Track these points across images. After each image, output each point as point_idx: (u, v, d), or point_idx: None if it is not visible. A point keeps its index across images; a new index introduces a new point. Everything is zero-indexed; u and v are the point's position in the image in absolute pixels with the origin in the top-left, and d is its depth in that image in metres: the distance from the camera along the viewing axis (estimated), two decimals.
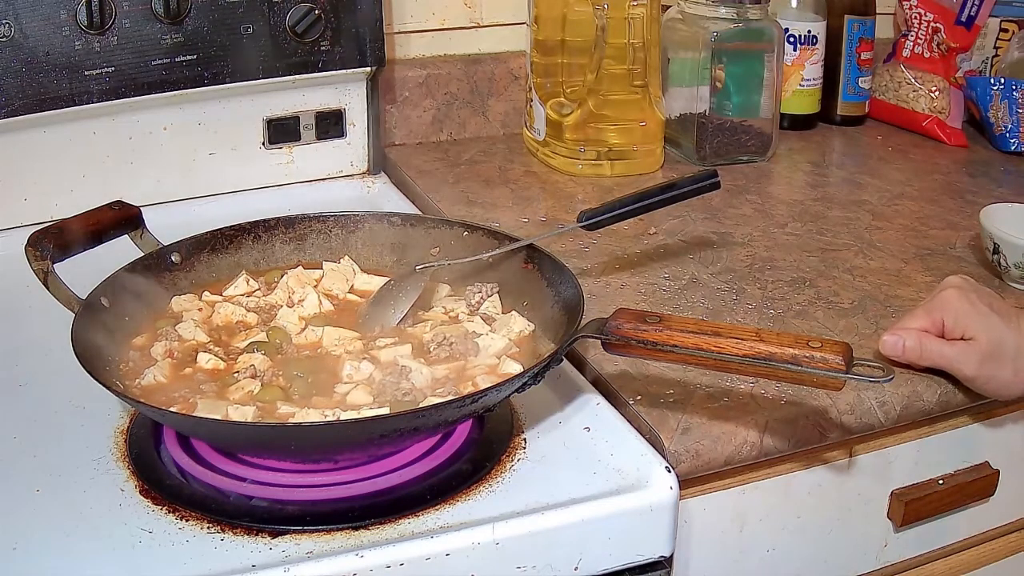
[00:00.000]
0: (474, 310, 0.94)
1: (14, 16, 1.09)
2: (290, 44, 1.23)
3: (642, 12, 1.30)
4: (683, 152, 1.43)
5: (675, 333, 0.78)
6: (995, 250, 1.09)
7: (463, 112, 1.47)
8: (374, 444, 0.78)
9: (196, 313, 0.93)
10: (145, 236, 0.97)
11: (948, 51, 1.55)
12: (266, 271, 0.99)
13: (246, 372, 0.84)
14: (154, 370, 0.84)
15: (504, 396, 0.81)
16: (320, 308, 0.94)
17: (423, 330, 0.91)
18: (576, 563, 0.78)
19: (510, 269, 0.96)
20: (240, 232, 1.00)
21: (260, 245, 1.00)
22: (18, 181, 1.17)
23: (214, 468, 0.81)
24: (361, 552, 0.72)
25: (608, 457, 0.84)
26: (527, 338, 0.90)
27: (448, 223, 1.02)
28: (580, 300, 0.86)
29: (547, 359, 0.80)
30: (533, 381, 0.81)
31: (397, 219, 1.02)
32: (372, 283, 0.98)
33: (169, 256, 0.96)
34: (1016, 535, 1.10)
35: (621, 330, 0.79)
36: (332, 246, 1.01)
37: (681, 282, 1.10)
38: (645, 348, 0.79)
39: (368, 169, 1.36)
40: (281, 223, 1.01)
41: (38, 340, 0.97)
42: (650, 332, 0.78)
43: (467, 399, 0.76)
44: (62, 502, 0.78)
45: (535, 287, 0.94)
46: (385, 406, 0.80)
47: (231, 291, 0.96)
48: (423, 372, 0.84)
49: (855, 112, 1.58)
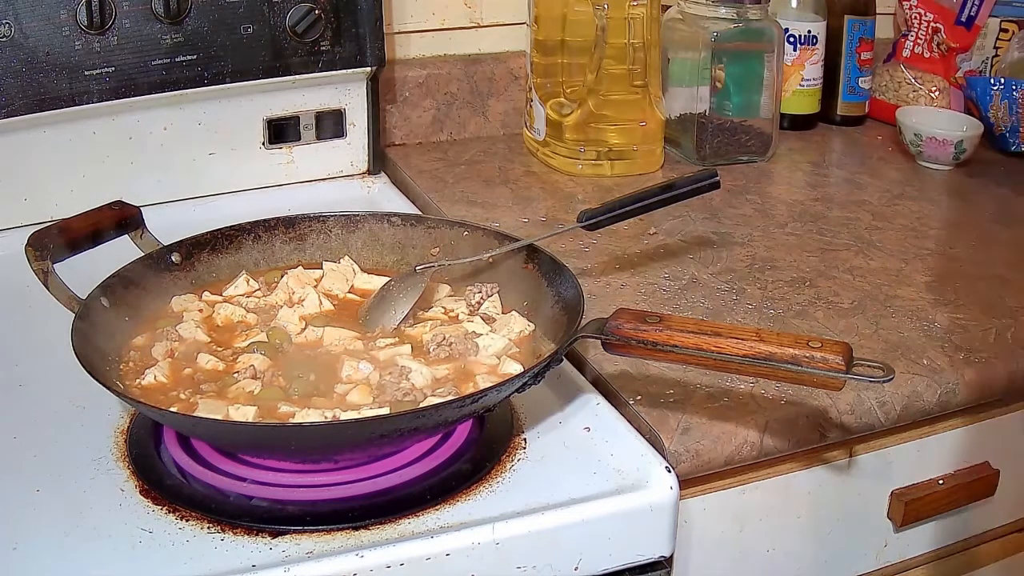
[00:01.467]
0: (474, 310, 0.94)
1: (14, 16, 1.09)
2: (290, 44, 1.23)
3: (642, 12, 1.30)
4: (683, 152, 1.43)
5: (675, 333, 0.77)
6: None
7: (463, 112, 1.47)
8: (374, 444, 0.78)
9: (196, 313, 0.93)
10: (145, 236, 0.97)
11: (948, 51, 1.55)
12: (266, 271, 0.99)
13: (246, 372, 0.84)
14: (154, 370, 0.84)
15: (504, 396, 0.81)
16: (320, 308, 0.94)
17: (423, 330, 0.91)
18: (576, 563, 0.78)
19: (511, 269, 0.96)
20: (240, 232, 1.00)
21: (260, 245, 1.00)
22: (18, 181, 1.17)
23: (214, 468, 0.81)
24: (361, 552, 0.72)
25: (608, 457, 0.84)
26: (527, 338, 0.90)
27: (448, 223, 1.02)
28: (580, 300, 0.86)
29: (547, 359, 0.80)
30: (533, 381, 0.81)
31: (397, 219, 1.02)
32: (372, 283, 0.98)
33: (169, 256, 0.96)
34: (1016, 535, 1.11)
35: (621, 330, 0.79)
36: (332, 246, 1.01)
37: (681, 282, 1.10)
38: (645, 348, 0.79)
39: (368, 169, 1.36)
40: (281, 223, 1.01)
41: (38, 340, 0.97)
42: (650, 332, 0.78)
43: (467, 399, 0.76)
44: (62, 502, 0.78)
45: (535, 287, 0.94)
46: (385, 406, 0.80)
47: (231, 291, 0.96)
48: (423, 372, 0.84)
49: (855, 112, 1.58)
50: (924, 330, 1.02)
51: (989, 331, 1.02)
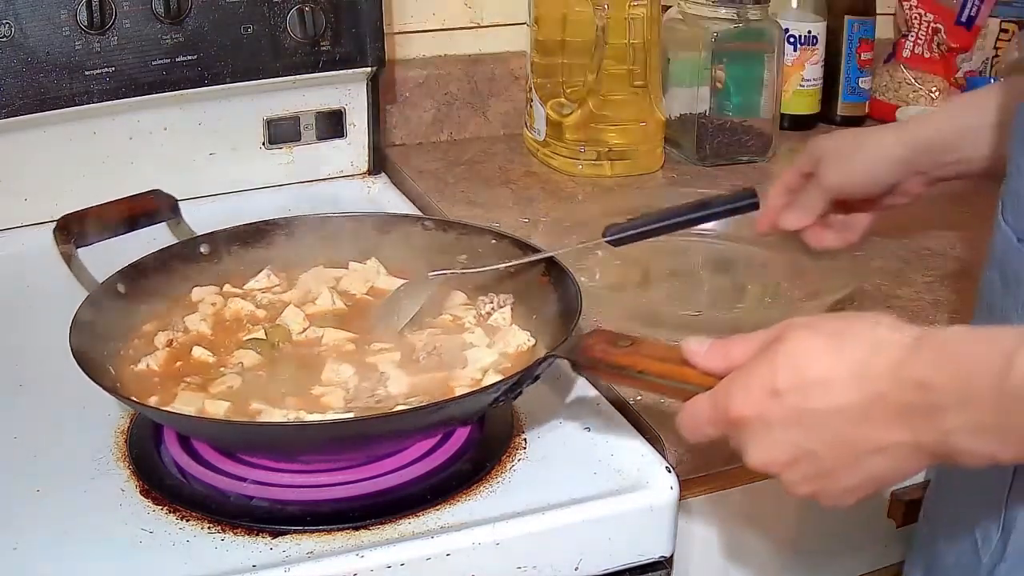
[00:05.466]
0: (482, 320, 0.92)
1: (14, 16, 1.09)
2: (290, 44, 1.23)
3: (642, 12, 1.30)
4: (683, 152, 1.43)
5: (642, 359, 0.73)
6: None
7: (463, 112, 1.47)
8: (332, 447, 0.79)
9: (209, 306, 0.93)
10: (181, 225, 0.98)
11: (948, 51, 1.55)
12: (293, 267, 0.99)
13: (234, 368, 0.84)
14: (149, 358, 0.85)
15: (473, 410, 0.79)
16: (332, 307, 0.93)
17: (420, 337, 0.90)
18: (576, 563, 0.78)
19: (529, 281, 0.94)
20: (273, 227, 0.99)
21: (292, 242, 1.00)
22: (18, 181, 1.17)
23: (214, 468, 0.81)
24: (361, 552, 0.72)
25: (608, 457, 0.84)
26: (525, 353, 0.88)
27: (479, 230, 1.00)
28: (575, 314, 0.84)
29: (517, 375, 0.78)
30: (504, 397, 0.78)
31: (431, 223, 1.01)
32: (393, 285, 0.97)
33: (198, 247, 0.96)
34: None
35: (591, 351, 0.76)
36: (364, 247, 1.00)
37: (682, 281, 1.10)
38: (612, 372, 0.75)
39: (368, 169, 1.36)
40: (315, 221, 1.01)
41: (38, 340, 0.97)
42: (618, 355, 0.74)
43: (426, 409, 0.75)
44: (62, 502, 0.78)
45: (547, 301, 0.91)
46: (354, 411, 0.79)
47: (252, 285, 0.96)
48: (401, 381, 0.83)
49: (855, 112, 1.58)
50: None
51: None
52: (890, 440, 0.60)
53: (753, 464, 0.66)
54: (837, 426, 0.61)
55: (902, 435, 0.60)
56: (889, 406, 0.59)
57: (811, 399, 0.61)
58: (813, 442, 0.62)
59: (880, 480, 0.63)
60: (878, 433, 0.60)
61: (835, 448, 0.62)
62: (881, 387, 0.59)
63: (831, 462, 0.63)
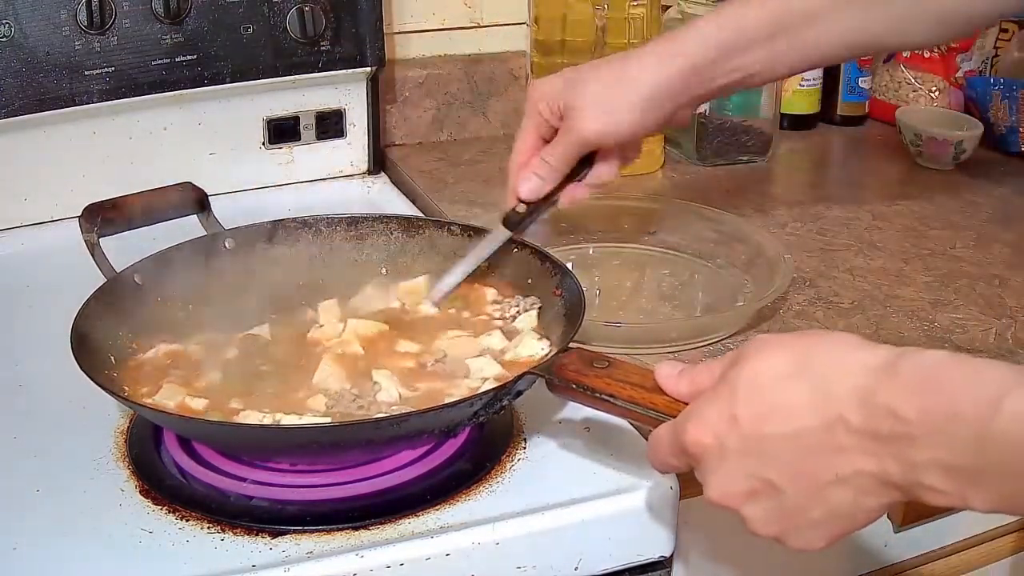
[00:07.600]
0: (507, 322, 0.92)
1: (14, 16, 1.09)
2: (290, 44, 1.23)
3: (642, 12, 1.30)
4: (683, 152, 1.43)
5: (614, 383, 0.73)
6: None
7: (463, 112, 1.47)
8: (302, 453, 0.79)
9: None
10: (211, 219, 0.98)
11: (948, 51, 1.55)
12: (319, 268, 0.98)
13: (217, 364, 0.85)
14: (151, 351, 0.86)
15: (449, 423, 0.77)
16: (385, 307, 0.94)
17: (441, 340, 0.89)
18: (576, 563, 0.78)
19: (545, 291, 0.93)
20: (302, 226, 0.99)
21: (319, 240, 1.00)
22: (18, 181, 1.17)
23: (214, 468, 0.81)
24: (361, 552, 0.72)
25: (608, 457, 0.84)
26: (536, 362, 0.85)
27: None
28: (574, 328, 0.83)
29: (493, 391, 0.77)
30: (484, 411, 0.77)
31: (457, 228, 1.00)
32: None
33: (223, 242, 0.96)
34: (1016, 535, 1.10)
35: (565, 371, 0.75)
36: (391, 248, 1.00)
37: (681, 281, 1.10)
38: (584, 394, 0.74)
39: (368, 169, 1.36)
40: (344, 221, 1.00)
41: (38, 340, 0.97)
42: (591, 378, 0.74)
43: (385, 421, 0.75)
44: (62, 502, 0.78)
45: (557, 313, 0.91)
46: (334, 417, 0.79)
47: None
48: (391, 391, 0.82)
49: (855, 112, 1.58)
50: (924, 330, 1.02)
51: (989, 331, 1.02)
52: (852, 468, 0.57)
53: (710, 497, 0.62)
54: (795, 452, 0.57)
55: (866, 463, 0.56)
56: (852, 431, 0.56)
57: (769, 424, 0.58)
58: (770, 471, 0.59)
59: (846, 517, 0.59)
60: (839, 460, 0.57)
61: (794, 478, 0.58)
62: (843, 410, 0.56)
63: (792, 494, 0.59)
